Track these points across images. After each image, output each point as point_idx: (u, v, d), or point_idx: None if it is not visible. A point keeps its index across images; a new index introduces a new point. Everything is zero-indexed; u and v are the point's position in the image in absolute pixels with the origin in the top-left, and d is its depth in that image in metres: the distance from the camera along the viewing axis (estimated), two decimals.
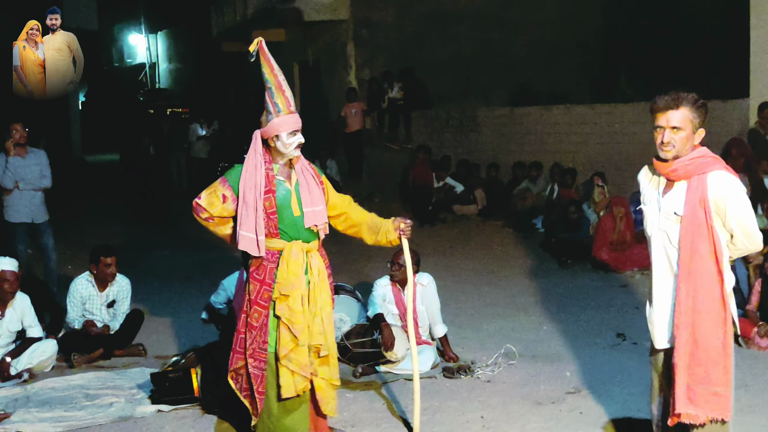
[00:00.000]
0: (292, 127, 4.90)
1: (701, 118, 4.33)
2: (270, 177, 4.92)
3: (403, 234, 5.28)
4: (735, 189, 4.28)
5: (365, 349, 6.97)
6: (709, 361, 4.32)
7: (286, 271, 4.92)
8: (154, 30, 39.37)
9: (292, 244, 4.96)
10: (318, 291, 5.04)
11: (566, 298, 9.42)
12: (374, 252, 11.65)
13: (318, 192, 5.05)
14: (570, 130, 15.12)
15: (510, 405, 6.15)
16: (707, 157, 4.34)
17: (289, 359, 4.92)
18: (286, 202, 4.95)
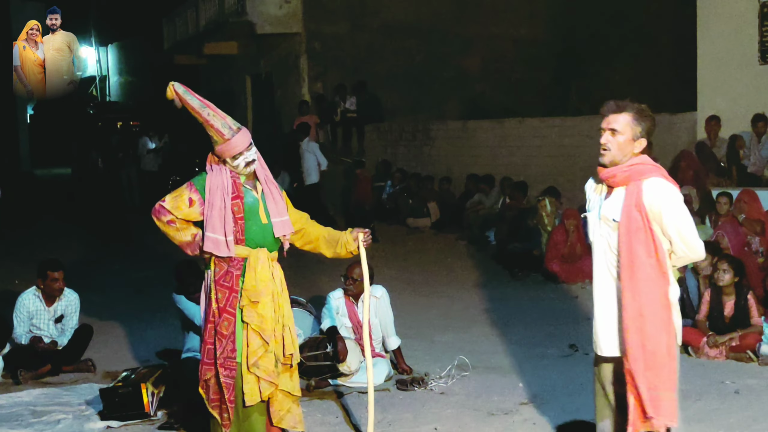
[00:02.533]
0: (231, 152, 4.87)
1: (643, 127, 4.38)
2: (237, 184, 4.95)
3: (363, 243, 5.29)
4: (670, 196, 4.30)
5: (319, 362, 6.92)
6: (656, 366, 4.34)
7: (255, 279, 4.93)
8: (104, 43, 38.93)
9: (258, 251, 4.97)
10: (282, 300, 5.08)
11: (518, 309, 9.47)
12: (327, 265, 11.61)
13: (282, 203, 5.09)
14: (522, 143, 15.25)
15: (463, 416, 6.15)
16: (646, 165, 4.38)
17: (257, 366, 4.91)
18: (254, 209, 4.97)
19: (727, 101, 12.32)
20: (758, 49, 12.20)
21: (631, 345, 4.37)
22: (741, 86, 12.27)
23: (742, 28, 12.29)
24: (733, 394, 6.49)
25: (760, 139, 11.85)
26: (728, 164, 11.98)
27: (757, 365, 7.20)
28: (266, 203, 5.01)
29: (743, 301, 7.51)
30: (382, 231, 14.74)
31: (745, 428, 5.79)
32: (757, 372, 7.05)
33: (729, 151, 11.96)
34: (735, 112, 12.14)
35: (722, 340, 7.39)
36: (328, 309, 7.22)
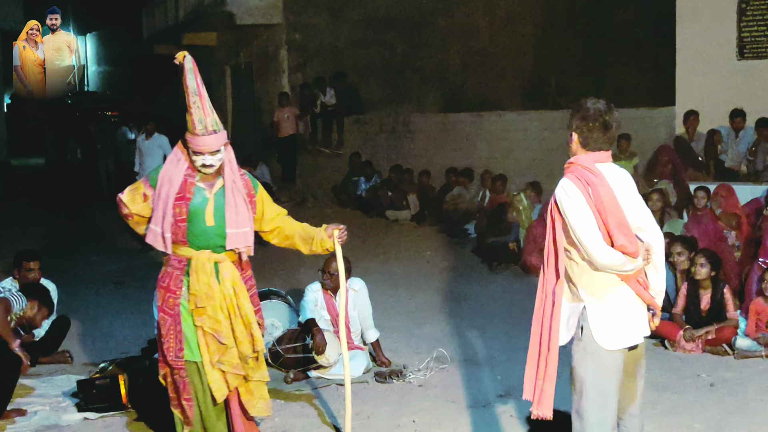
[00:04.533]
0: (194, 148, 4.77)
1: (572, 123, 4.44)
2: (188, 183, 4.84)
3: (338, 240, 5.20)
4: (565, 198, 4.25)
5: (297, 354, 6.93)
6: (538, 357, 4.40)
7: (197, 282, 4.83)
8: (83, 32, 38.65)
9: (200, 253, 4.86)
10: (240, 302, 4.94)
11: (497, 302, 9.50)
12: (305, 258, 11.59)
13: (245, 212, 4.92)
14: (502, 136, 15.28)
15: (441, 409, 6.17)
16: (572, 165, 4.40)
17: (221, 362, 4.90)
18: (200, 210, 4.83)
19: (705, 96, 12.39)
20: (736, 44, 12.27)
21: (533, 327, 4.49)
22: (719, 82, 12.35)
23: (720, 24, 12.36)
24: (709, 387, 6.55)
25: (737, 134, 11.94)
26: (706, 159, 12.06)
27: (732, 359, 7.27)
28: (225, 210, 4.84)
29: (720, 294, 7.57)
30: (361, 223, 14.76)
31: (720, 421, 5.84)
32: (732, 365, 7.11)
33: (707, 146, 12.04)
34: (713, 107, 12.22)
35: (698, 333, 7.45)
36: (306, 301, 7.21)
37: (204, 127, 4.73)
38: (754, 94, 12.00)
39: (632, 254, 4.24)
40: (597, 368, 4.27)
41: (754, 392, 6.43)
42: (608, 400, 4.29)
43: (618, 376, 4.31)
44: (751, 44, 12.20)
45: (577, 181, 4.27)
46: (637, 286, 4.34)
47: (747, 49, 12.23)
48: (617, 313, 4.27)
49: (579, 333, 4.31)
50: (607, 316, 4.26)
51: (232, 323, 4.91)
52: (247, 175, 5.04)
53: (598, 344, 4.24)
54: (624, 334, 4.28)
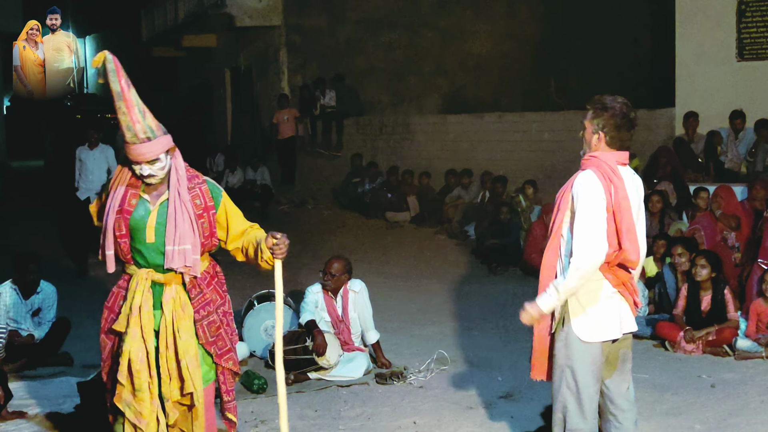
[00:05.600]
0: (130, 157, 4.26)
1: (599, 122, 4.42)
2: (129, 195, 4.35)
3: (275, 253, 4.34)
4: (587, 189, 4.32)
5: (297, 355, 6.93)
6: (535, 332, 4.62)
7: (128, 303, 4.32)
8: (82, 34, 38.62)
9: (141, 272, 4.33)
10: (175, 331, 4.31)
11: (497, 303, 9.50)
12: (306, 259, 11.62)
13: (188, 228, 4.29)
14: (501, 137, 15.27)
15: (442, 410, 6.17)
16: (593, 159, 4.43)
17: (127, 404, 4.28)
18: (142, 224, 4.32)
19: (705, 98, 12.39)
20: (736, 45, 12.28)
21: None
22: (719, 83, 12.35)
23: (720, 25, 12.37)
24: (709, 388, 6.55)
25: (737, 135, 11.94)
26: (706, 160, 12.06)
27: (733, 359, 7.27)
28: (166, 224, 4.28)
29: (720, 296, 7.58)
30: (361, 225, 14.76)
31: (720, 422, 5.84)
32: (733, 366, 7.12)
33: (707, 147, 12.04)
34: (713, 108, 12.22)
35: (699, 334, 7.46)
36: (306, 303, 7.22)
37: (134, 134, 4.19)
38: (754, 96, 12.01)
39: (633, 262, 4.40)
40: (576, 359, 4.43)
41: (754, 393, 6.43)
42: (587, 390, 4.45)
43: (596, 368, 4.46)
44: (750, 45, 12.21)
45: (601, 177, 4.35)
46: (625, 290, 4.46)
47: (746, 51, 12.23)
48: (598, 308, 4.41)
49: (561, 323, 4.46)
50: (587, 309, 4.40)
51: (158, 356, 4.31)
52: (207, 185, 4.45)
53: (577, 336, 4.40)
54: (603, 328, 4.42)
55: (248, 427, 5.93)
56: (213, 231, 4.42)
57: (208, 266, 4.46)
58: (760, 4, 12.16)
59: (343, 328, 7.21)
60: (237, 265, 10.58)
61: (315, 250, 12.07)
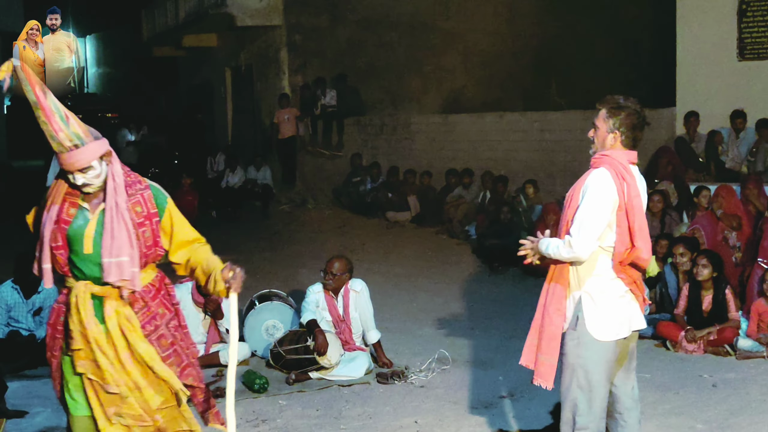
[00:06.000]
0: (62, 166, 4.03)
1: (614, 121, 4.47)
2: (67, 204, 4.11)
3: (231, 287, 4.13)
4: (598, 184, 4.38)
5: (298, 355, 6.93)
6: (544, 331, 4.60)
7: (71, 319, 4.07)
8: (83, 33, 38.66)
9: (80, 285, 4.09)
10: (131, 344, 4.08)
11: (498, 303, 9.50)
12: (306, 258, 11.62)
13: (125, 238, 4.03)
14: (503, 137, 15.26)
15: (443, 410, 6.17)
16: (608, 157, 4.47)
17: (119, 416, 4.10)
18: (80, 235, 4.07)
19: (706, 97, 12.39)
20: (737, 45, 12.27)
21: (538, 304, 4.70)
22: (720, 82, 12.34)
23: (721, 25, 12.36)
24: (711, 388, 6.55)
25: (738, 135, 11.93)
26: (707, 160, 12.05)
27: (734, 359, 7.27)
28: (102, 236, 4.03)
29: (721, 295, 7.58)
30: (361, 225, 14.76)
31: (722, 422, 5.84)
32: (734, 366, 7.11)
33: (708, 147, 12.03)
34: (714, 108, 12.21)
35: (700, 334, 7.45)
36: (307, 302, 7.22)
37: (58, 143, 3.94)
38: (755, 95, 12.00)
39: (645, 260, 4.47)
40: (589, 358, 4.44)
41: (756, 393, 6.43)
42: (598, 389, 4.46)
43: (608, 367, 4.48)
44: (751, 45, 12.20)
45: (615, 175, 4.40)
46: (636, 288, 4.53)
47: (747, 50, 12.22)
48: (611, 306, 4.44)
49: (574, 323, 4.47)
50: (602, 308, 4.43)
51: (126, 368, 4.07)
52: (150, 190, 4.21)
53: (591, 335, 4.41)
54: (616, 326, 4.46)
55: (250, 427, 5.93)
56: (156, 240, 4.16)
57: (153, 278, 4.20)
58: (761, 4, 12.15)
59: (344, 328, 7.21)
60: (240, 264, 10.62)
61: (315, 250, 12.07)
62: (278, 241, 13.60)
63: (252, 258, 11.87)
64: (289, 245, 13.10)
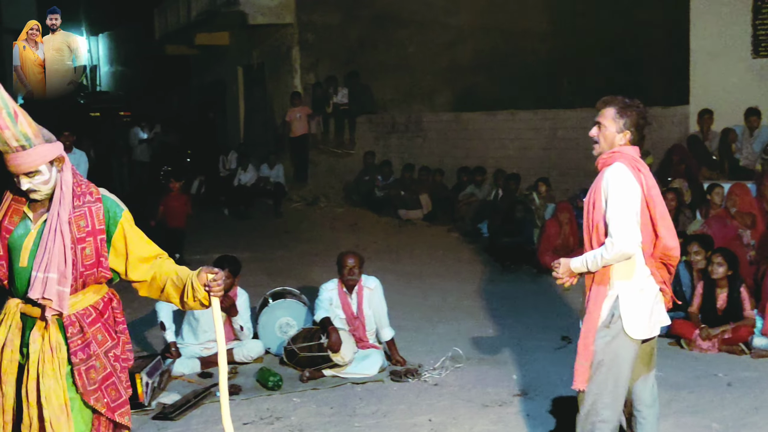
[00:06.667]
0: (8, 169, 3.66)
1: (626, 120, 4.52)
2: (12, 210, 3.76)
3: (211, 291, 3.81)
4: (618, 180, 4.42)
5: (312, 353, 6.93)
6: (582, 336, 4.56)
7: None
8: (95, 32, 38.78)
9: (11, 302, 3.75)
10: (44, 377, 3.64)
11: (511, 301, 9.48)
12: (319, 256, 11.63)
13: (59, 254, 3.65)
14: (515, 135, 15.25)
15: (457, 408, 6.16)
16: (617, 153, 4.52)
17: None
18: (18, 245, 3.70)
19: (719, 95, 12.33)
20: (751, 42, 12.21)
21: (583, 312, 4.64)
22: (734, 80, 12.29)
23: (735, 22, 12.30)
24: (726, 387, 6.52)
25: (752, 132, 11.88)
26: (720, 158, 12.00)
27: (749, 358, 7.24)
28: (38, 248, 3.67)
29: (736, 293, 7.54)
30: (373, 223, 14.76)
31: (737, 420, 5.82)
32: (749, 364, 7.09)
33: (721, 145, 11.98)
34: (728, 105, 12.16)
35: (715, 332, 7.42)
36: (321, 300, 7.22)
37: (3, 142, 3.55)
38: None
39: (672, 249, 4.54)
40: (619, 355, 4.49)
41: None
42: (621, 386, 4.53)
43: (632, 365, 4.55)
44: (766, 42, 12.12)
45: (632, 168, 4.47)
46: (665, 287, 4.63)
47: (762, 47, 12.15)
48: (646, 305, 4.50)
49: (608, 320, 4.50)
50: (638, 307, 4.48)
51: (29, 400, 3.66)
52: (102, 203, 3.80)
53: (627, 333, 4.46)
54: (649, 326, 4.53)
55: (264, 425, 5.94)
56: (99, 260, 3.75)
57: (96, 301, 3.79)
58: None
59: (357, 325, 7.22)
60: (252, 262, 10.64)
61: (328, 248, 12.07)
62: (290, 239, 13.62)
63: (265, 256, 11.89)
64: (301, 243, 13.11)
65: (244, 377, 6.95)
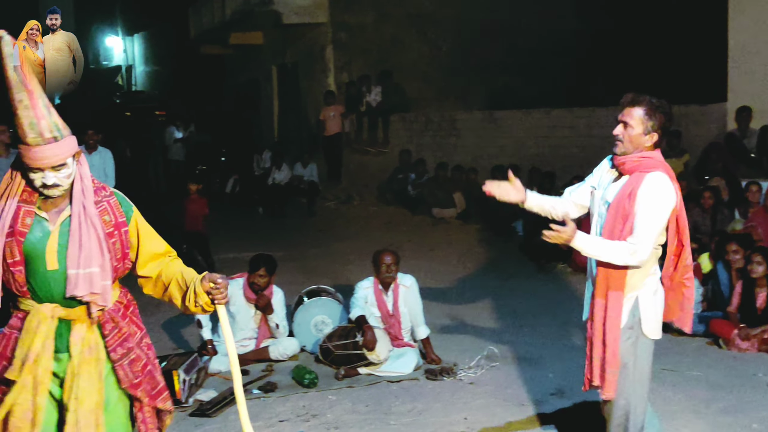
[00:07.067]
0: (28, 162, 3.51)
1: (654, 121, 4.43)
2: (23, 213, 3.57)
3: (215, 298, 3.74)
4: (662, 190, 4.36)
5: (347, 351, 6.95)
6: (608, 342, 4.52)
7: (22, 345, 3.53)
8: (131, 32, 39.13)
9: (42, 307, 3.56)
10: (78, 377, 3.56)
11: (546, 300, 9.44)
12: (353, 255, 11.65)
13: (95, 247, 3.57)
14: (549, 133, 15.17)
15: (493, 407, 6.15)
16: (655, 159, 4.46)
17: None
18: (40, 248, 3.55)
19: (758, 92, 12.18)
20: None
21: (596, 318, 4.59)
22: None
23: None
24: (766, 387, 6.45)
25: None
26: (758, 155, 11.86)
27: None
28: (68, 246, 3.56)
29: None
30: (407, 222, 14.76)
31: None
32: None
33: (759, 143, 11.83)
34: (766, 102, 12.02)
35: (754, 332, 7.34)
36: (356, 298, 7.24)
37: (38, 134, 3.47)
38: None
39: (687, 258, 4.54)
40: (643, 357, 4.55)
41: None
42: (647, 388, 4.61)
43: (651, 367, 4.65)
44: None
45: (672, 179, 4.42)
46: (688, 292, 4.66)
47: None
48: (659, 306, 4.56)
49: (630, 322, 4.52)
50: (654, 309, 4.53)
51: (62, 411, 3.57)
52: (116, 197, 3.76)
53: (646, 334, 4.50)
54: (660, 326, 4.60)
55: (300, 422, 5.96)
56: (126, 252, 3.71)
57: (119, 295, 3.75)
58: None
59: (393, 323, 7.22)
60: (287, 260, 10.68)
61: (362, 247, 12.10)
62: (324, 237, 13.65)
63: (299, 254, 11.93)
64: (335, 241, 13.14)
65: (279, 375, 6.99)
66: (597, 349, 4.57)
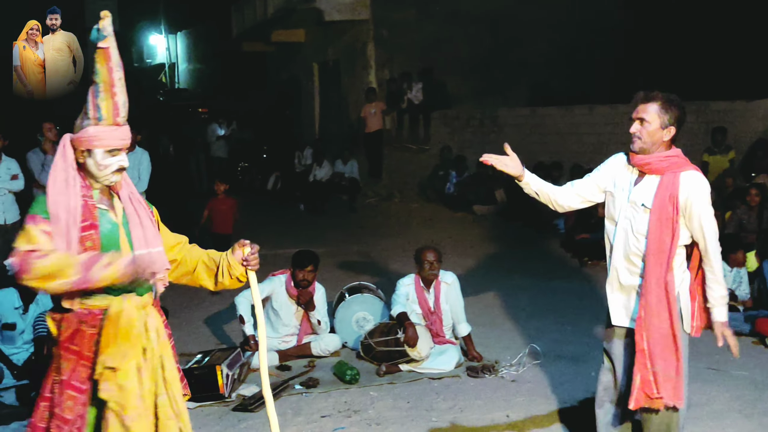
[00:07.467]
0: (112, 144, 3.54)
1: (670, 116, 4.43)
2: (89, 206, 3.55)
3: (248, 265, 3.82)
4: (703, 190, 4.39)
5: (389, 347, 6.97)
6: (668, 349, 4.44)
7: (115, 337, 3.50)
8: (174, 30, 39.53)
9: (122, 299, 3.56)
10: (159, 359, 3.66)
11: (588, 298, 9.37)
12: (394, 251, 11.67)
13: (152, 228, 3.67)
14: (592, 130, 15.06)
15: (535, 404, 6.13)
16: (681, 158, 4.47)
17: None
18: (113, 240, 3.56)
19: None
20: None
21: (649, 326, 4.44)
22: None
23: None
24: None
25: None
26: None
27: None
28: (130, 229, 3.61)
29: None
30: (448, 218, 14.74)
31: None
32: None
33: None
34: None
35: None
36: (398, 295, 7.24)
37: (126, 113, 3.58)
38: None
39: None
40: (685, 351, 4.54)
41: None
42: None
43: None
44: None
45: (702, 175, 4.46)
46: None
47: None
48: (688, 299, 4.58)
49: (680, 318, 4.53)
50: (687, 302, 4.54)
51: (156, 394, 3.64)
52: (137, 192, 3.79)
53: (684, 329, 4.54)
54: None
55: (342, 417, 5.99)
56: None
57: None
58: None
59: (434, 320, 7.23)
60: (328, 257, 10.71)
61: (403, 243, 12.12)
62: (365, 234, 13.69)
63: (340, 251, 11.97)
64: (376, 238, 13.17)
65: (321, 371, 7.02)
66: (660, 359, 4.43)
